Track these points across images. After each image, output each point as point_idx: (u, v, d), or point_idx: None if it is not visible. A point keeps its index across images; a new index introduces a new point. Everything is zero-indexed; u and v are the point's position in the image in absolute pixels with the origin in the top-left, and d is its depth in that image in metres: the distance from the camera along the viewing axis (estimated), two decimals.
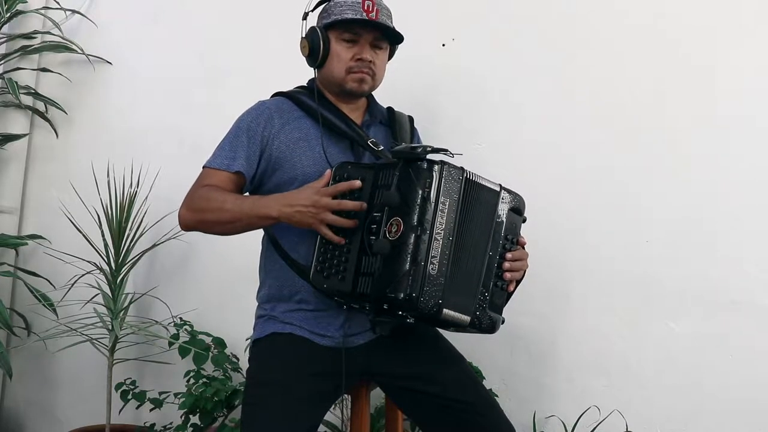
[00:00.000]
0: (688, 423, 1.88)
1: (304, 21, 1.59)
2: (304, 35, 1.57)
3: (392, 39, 1.60)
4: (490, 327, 1.41)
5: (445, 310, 1.32)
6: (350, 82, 1.56)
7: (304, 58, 1.59)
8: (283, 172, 1.53)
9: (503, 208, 1.44)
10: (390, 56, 1.65)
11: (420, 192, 1.32)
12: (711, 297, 1.87)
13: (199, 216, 1.49)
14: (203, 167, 1.55)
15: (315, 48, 1.55)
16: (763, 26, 1.87)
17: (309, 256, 1.46)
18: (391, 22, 1.59)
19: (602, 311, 1.99)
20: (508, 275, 1.44)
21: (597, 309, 1.99)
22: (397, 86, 1.75)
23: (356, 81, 1.56)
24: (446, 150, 1.37)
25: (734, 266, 1.85)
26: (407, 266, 1.29)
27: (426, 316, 1.33)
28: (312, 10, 1.62)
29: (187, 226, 1.52)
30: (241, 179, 1.52)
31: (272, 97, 1.63)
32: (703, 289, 1.88)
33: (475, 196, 1.39)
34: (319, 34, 1.54)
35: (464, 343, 1.62)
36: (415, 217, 1.31)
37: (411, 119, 1.73)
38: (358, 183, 1.39)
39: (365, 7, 1.52)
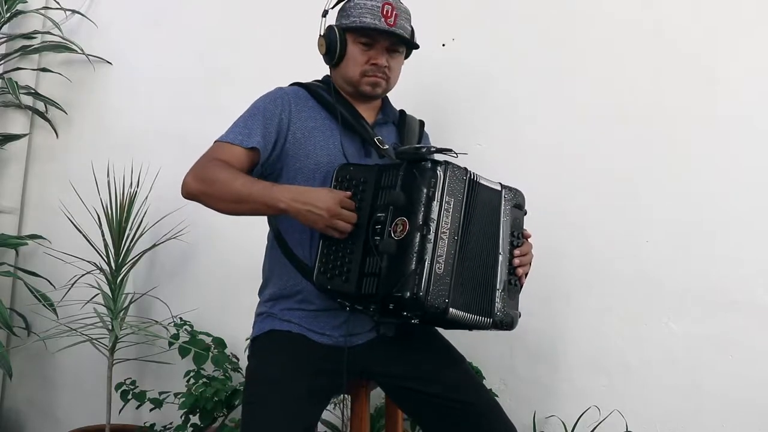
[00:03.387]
0: (688, 423, 1.89)
1: (324, 18, 1.60)
2: (322, 33, 1.58)
3: (409, 44, 1.61)
4: (510, 323, 1.42)
5: (452, 310, 1.32)
6: (364, 85, 1.57)
7: (321, 56, 1.60)
8: (297, 159, 1.52)
9: (506, 207, 1.45)
10: (407, 56, 1.66)
11: (425, 191, 1.32)
12: (711, 297, 1.87)
13: (205, 188, 1.45)
14: (215, 141, 1.52)
15: (332, 48, 1.56)
16: (763, 26, 1.88)
17: (313, 256, 1.46)
18: (410, 24, 1.59)
19: (602, 311, 1.99)
20: (519, 270, 1.46)
21: (597, 309, 1.99)
22: (397, 86, 1.75)
23: (370, 84, 1.57)
24: (450, 150, 1.37)
25: (734, 266, 1.85)
26: (413, 265, 1.29)
27: (432, 315, 1.33)
28: (332, 8, 1.62)
29: (189, 194, 1.48)
30: (255, 157, 1.50)
31: (290, 86, 1.63)
32: (703, 289, 1.88)
33: (479, 197, 1.40)
34: (337, 34, 1.55)
35: (464, 343, 1.62)
36: (421, 217, 1.31)
37: (422, 123, 1.74)
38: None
39: (384, 12, 1.52)
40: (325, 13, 1.61)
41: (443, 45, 2.20)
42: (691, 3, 1.95)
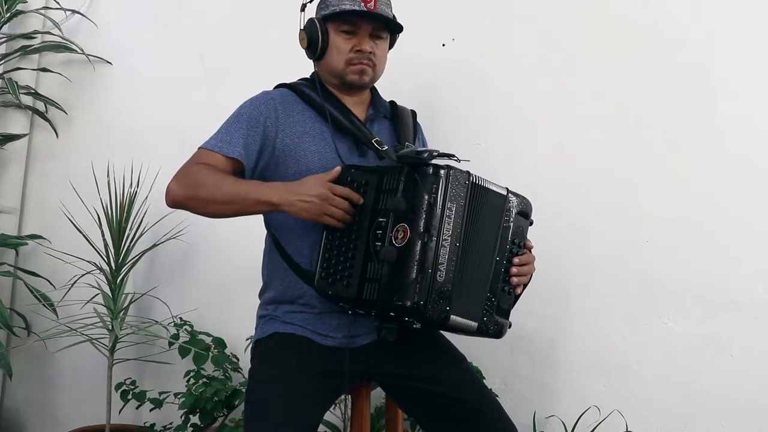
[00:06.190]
0: (688, 423, 1.89)
1: (303, 13, 1.58)
2: (302, 27, 1.56)
3: (392, 28, 1.59)
4: (497, 332, 1.40)
5: (453, 317, 1.31)
6: (350, 74, 1.54)
7: (304, 51, 1.58)
8: (287, 166, 1.51)
9: (510, 212, 1.42)
10: (391, 45, 1.63)
11: (426, 197, 1.30)
12: (711, 297, 1.87)
13: (192, 192, 1.43)
14: (198, 148, 1.50)
15: (313, 40, 1.53)
16: (763, 26, 1.87)
17: (313, 261, 1.45)
18: (391, 10, 1.57)
19: (602, 311, 1.99)
20: (515, 279, 1.43)
21: (597, 309, 1.99)
22: (397, 86, 1.75)
23: (356, 73, 1.54)
24: (452, 155, 1.36)
25: (734, 266, 1.85)
26: (414, 274, 1.28)
27: (433, 323, 1.33)
28: (310, 1, 1.61)
29: (175, 201, 1.46)
30: (237, 166, 1.48)
31: (276, 88, 1.62)
32: (703, 289, 1.88)
33: (482, 200, 1.37)
34: (318, 26, 1.53)
35: (464, 343, 1.61)
36: (422, 224, 1.30)
37: (414, 114, 1.71)
38: (360, 200, 1.38)
39: None
40: (303, 7, 1.58)
41: (443, 45, 2.20)
42: (691, 3, 1.95)
